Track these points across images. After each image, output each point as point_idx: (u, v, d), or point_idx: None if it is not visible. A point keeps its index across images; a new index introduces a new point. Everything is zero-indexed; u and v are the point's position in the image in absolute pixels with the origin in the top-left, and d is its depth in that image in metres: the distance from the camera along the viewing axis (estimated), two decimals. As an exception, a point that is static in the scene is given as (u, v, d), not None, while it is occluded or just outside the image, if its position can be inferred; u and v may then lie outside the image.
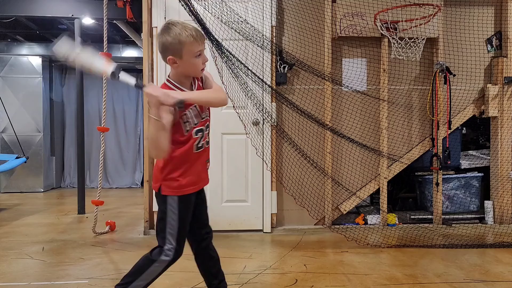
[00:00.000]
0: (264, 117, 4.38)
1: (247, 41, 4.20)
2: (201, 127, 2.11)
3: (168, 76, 2.12)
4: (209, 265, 2.30)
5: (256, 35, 4.18)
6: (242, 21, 4.09)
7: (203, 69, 2.12)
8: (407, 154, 4.71)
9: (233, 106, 4.08)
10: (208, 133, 2.18)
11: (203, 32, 2.06)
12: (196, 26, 3.80)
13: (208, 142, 2.18)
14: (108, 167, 8.64)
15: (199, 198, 2.22)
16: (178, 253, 2.12)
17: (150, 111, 1.91)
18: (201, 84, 2.17)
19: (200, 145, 2.12)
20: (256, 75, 4.11)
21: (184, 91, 2.06)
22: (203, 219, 2.29)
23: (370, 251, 3.69)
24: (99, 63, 1.98)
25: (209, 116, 2.19)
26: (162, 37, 2.03)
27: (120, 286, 2.11)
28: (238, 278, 3.00)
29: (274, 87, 4.40)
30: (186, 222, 2.15)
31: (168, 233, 2.09)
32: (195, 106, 2.08)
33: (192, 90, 2.11)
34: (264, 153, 4.35)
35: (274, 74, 4.42)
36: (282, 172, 4.52)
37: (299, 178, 4.52)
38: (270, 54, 4.36)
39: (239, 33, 4.08)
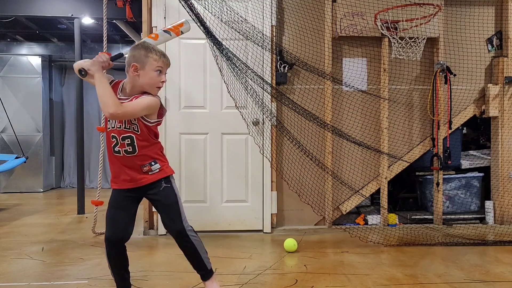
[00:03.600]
0: (264, 117, 4.37)
1: (247, 41, 4.19)
2: (115, 134, 2.28)
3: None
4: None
5: (256, 34, 4.17)
6: (242, 21, 4.08)
7: (158, 88, 2.29)
8: (408, 154, 4.70)
9: (235, 105, 4.06)
10: (127, 144, 2.29)
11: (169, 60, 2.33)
12: (197, 25, 3.82)
13: (127, 152, 2.31)
14: (108, 167, 8.59)
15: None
16: None
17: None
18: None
19: (116, 149, 2.32)
20: (256, 75, 4.10)
21: (119, 97, 2.25)
22: None
23: (370, 251, 3.68)
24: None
25: (133, 132, 2.27)
26: (134, 50, 2.26)
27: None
28: (238, 278, 2.99)
29: (275, 86, 4.39)
30: None
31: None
32: None
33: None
34: (264, 153, 4.34)
35: (274, 74, 4.41)
36: (283, 172, 4.51)
37: (299, 178, 4.51)
38: (270, 53, 4.35)
39: (239, 32, 4.07)
